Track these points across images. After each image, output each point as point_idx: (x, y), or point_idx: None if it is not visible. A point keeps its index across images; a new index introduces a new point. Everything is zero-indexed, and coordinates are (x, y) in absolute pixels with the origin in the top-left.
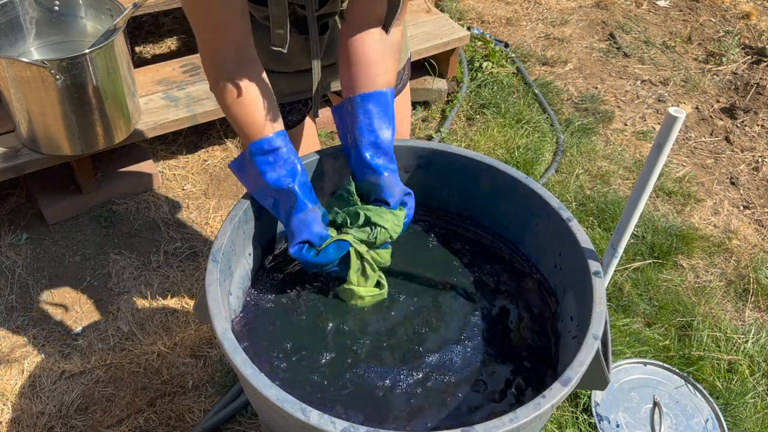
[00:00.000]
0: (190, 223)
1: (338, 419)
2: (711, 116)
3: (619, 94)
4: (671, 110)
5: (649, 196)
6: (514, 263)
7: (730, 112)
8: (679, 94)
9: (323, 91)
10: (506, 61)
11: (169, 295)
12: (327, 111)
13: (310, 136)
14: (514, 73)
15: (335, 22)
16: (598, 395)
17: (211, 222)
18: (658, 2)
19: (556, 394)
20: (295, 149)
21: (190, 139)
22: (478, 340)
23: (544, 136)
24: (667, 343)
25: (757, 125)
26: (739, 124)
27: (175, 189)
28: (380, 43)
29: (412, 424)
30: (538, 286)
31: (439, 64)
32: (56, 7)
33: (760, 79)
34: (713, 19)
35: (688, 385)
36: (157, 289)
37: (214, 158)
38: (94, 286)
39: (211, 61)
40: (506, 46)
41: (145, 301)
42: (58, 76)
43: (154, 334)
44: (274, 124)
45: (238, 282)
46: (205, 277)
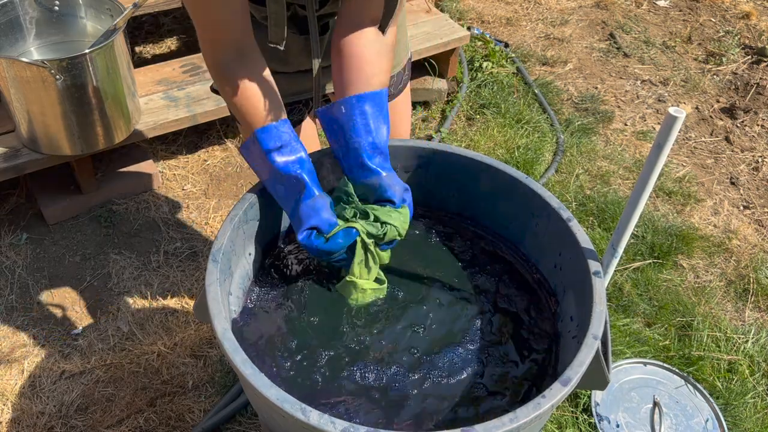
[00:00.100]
0: (190, 223)
1: (338, 419)
2: (711, 116)
3: (619, 94)
4: (671, 110)
5: (649, 196)
6: (514, 263)
7: (730, 112)
8: (679, 94)
9: (323, 92)
10: (506, 61)
11: (169, 295)
12: None
13: (311, 137)
14: (514, 73)
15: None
16: (598, 395)
17: (211, 222)
18: (658, 2)
19: (556, 394)
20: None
21: (190, 139)
22: (477, 340)
23: (544, 136)
24: (667, 343)
25: (757, 125)
26: (739, 124)
27: (175, 189)
28: (375, 44)
29: (412, 424)
30: (538, 286)
31: (439, 64)
32: (56, 7)
33: (760, 79)
34: (713, 19)
35: (688, 385)
36: (157, 289)
37: (214, 158)
38: (94, 286)
39: (212, 57)
40: (506, 46)
41: (145, 301)
42: (58, 76)
43: (154, 334)
44: (278, 114)
45: (238, 282)
46: (205, 277)
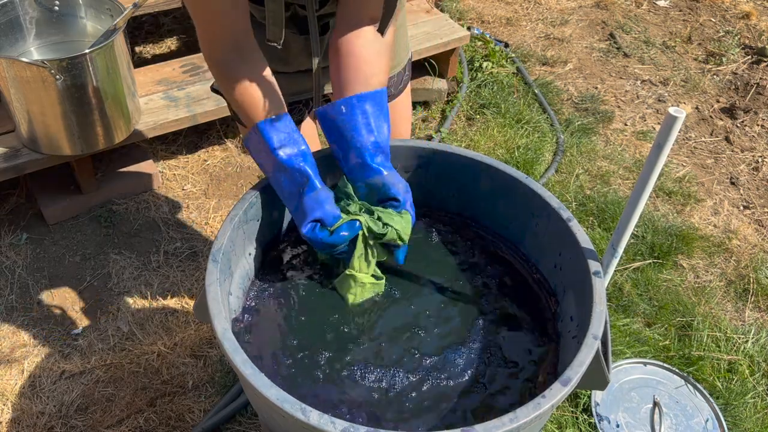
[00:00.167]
0: (190, 223)
1: (338, 419)
2: (711, 116)
3: (619, 94)
4: (671, 110)
5: (649, 196)
6: (514, 263)
7: (730, 112)
8: (679, 94)
9: (323, 92)
10: (506, 61)
11: (169, 295)
12: None
13: (311, 137)
14: (514, 73)
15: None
16: (598, 395)
17: (211, 222)
18: (658, 2)
19: (556, 394)
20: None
21: (190, 139)
22: (477, 340)
23: (544, 136)
24: (667, 343)
25: (757, 125)
26: (739, 124)
27: (175, 189)
28: (374, 43)
29: (412, 424)
30: (538, 286)
31: (439, 64)
32: (56, 7)
33: (760, 79)
34: (713, 19)
35: (688, 385)
36: (157, 289)
37: (214, 158)
38: (94, 286)
39: (211, 54)
40: (506, 46)
41: (145, 301)
42: (58, 76)
43: (154, 334)
44: (278, 108)
45: (238, 282)
46: (205, 277)
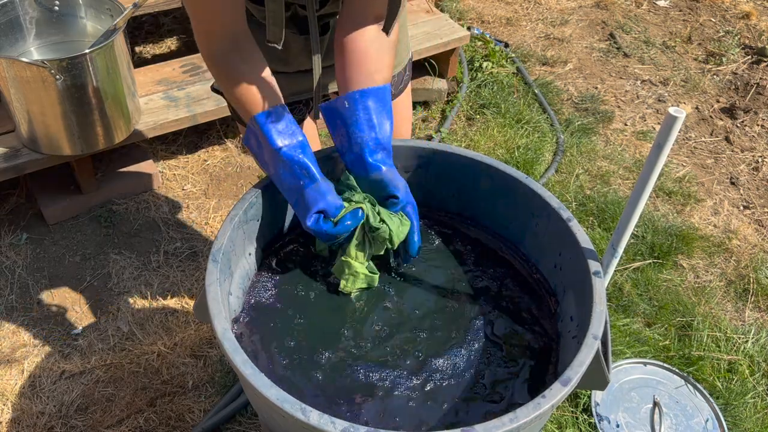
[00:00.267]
0: (190, 223)
1: (338, 419)
2: (711, 116)
3: (619, 94)
4: (671, 110)
5: (649, 196)
6: (514, 263)
7: (730, 112)
8: (679, 94)
9: (323, 91)
10: (506, 61)
11: (169, 295)
12: None
13: (311, 137)
14: (514, 73)
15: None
16: (598, 395)
17: (211, 222)
18: (658, 2)
19: (556, 394)
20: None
21: (190, 139)
22: (477, 340)
23: (544, 136)
24: (667, 343)
25: (757, 125)
26: (739, 124)
27: (175, 189)
28: (377, 40)
29: (413, 424)
30: (538, 286)
31: (439, 64)
32: (56, 7)
33: (760, 79)
34: (713, 19)
35: (688, 385)
36: (157, 289)
37: (214, 158)
38: (94, 286)
39: (208, 49)
40: (506, 46)
41: (145, 301)
42: (58, 76)
43: (154, 334)
44: (276, 101)
45: (238, 282)
46: (205, 277)
